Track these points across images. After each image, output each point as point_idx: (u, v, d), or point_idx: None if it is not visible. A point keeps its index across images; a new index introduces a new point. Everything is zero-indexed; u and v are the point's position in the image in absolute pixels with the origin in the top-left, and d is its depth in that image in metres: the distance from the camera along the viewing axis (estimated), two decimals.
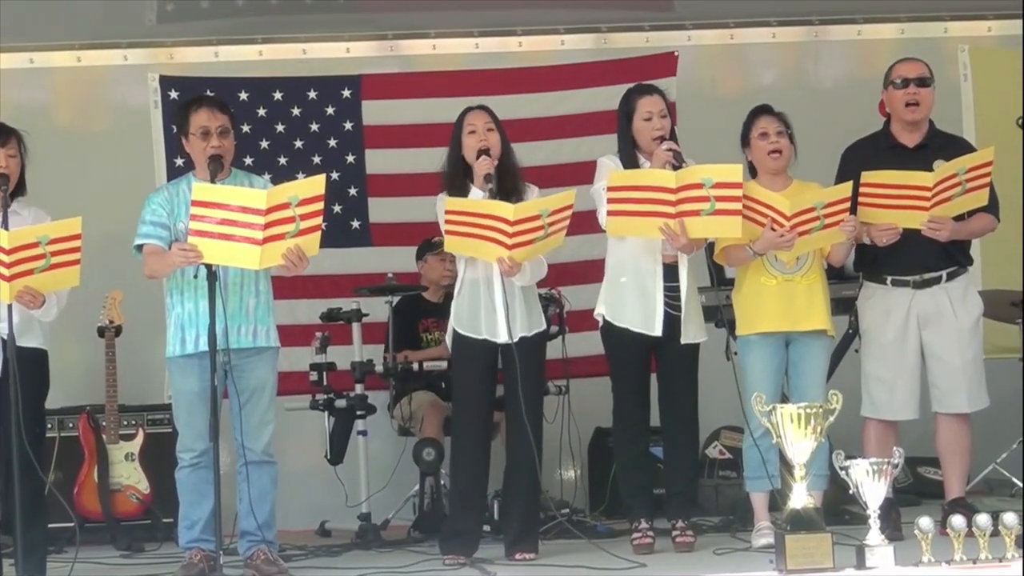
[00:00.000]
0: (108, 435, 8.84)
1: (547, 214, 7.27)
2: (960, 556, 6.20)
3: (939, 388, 7.65)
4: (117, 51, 9.95)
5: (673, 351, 7.53)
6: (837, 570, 6.23)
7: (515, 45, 10.25)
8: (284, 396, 7.96)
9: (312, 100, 10.04)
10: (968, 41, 10.21)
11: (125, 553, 8.38)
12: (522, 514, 7.53)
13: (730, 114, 8.01)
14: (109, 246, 7.50)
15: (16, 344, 6.98)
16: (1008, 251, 8.91)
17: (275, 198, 6.88)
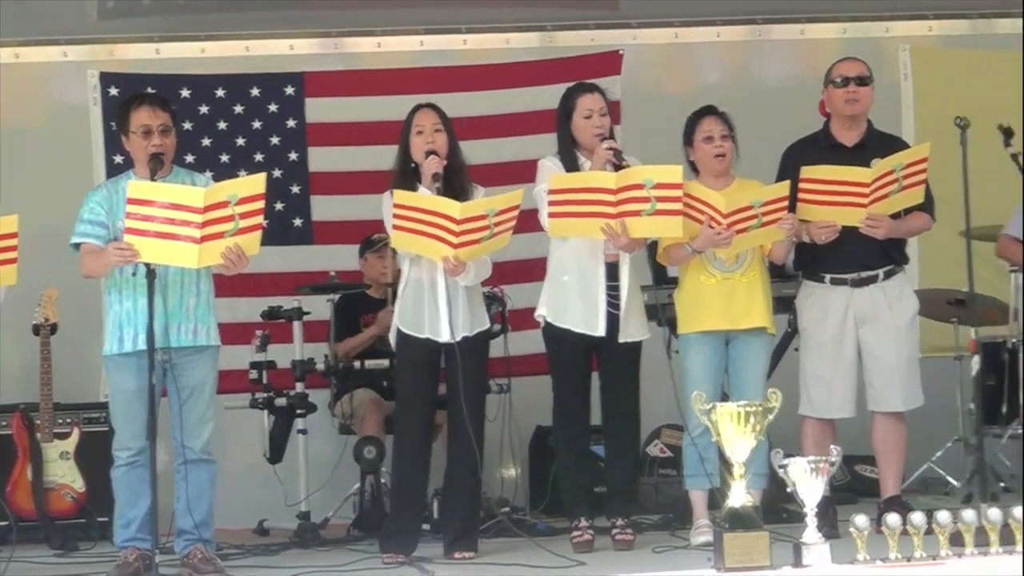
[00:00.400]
0: (42, 433, 8.79)
1: (493, 214, 7.28)
2: (895, 554, 6.21)
3: (875, 387, 7.68)
4: (56, 48, 9.90)
5: (615, 350, 7.54)
6: (774, 568, 6.23)
7: (460, 43, 10.24)
8: (224, 394, 7.93)
9: (255, 97, 10.02)
10: (909, 41, 10.28)
11: (59, 552, 8.33)
12: (462, 513, 7.52)
13: (675, 113, 8.04)
14: (46, 244, 7.46)
15: None
16: (944, 250, 8.94)
17: (213, 196, 6.87)
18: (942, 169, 7.64)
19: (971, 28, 10.46)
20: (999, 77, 10.02)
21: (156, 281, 6.96)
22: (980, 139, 7.55)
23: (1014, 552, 6.24)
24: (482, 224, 7.25)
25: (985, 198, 7.76)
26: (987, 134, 7.64)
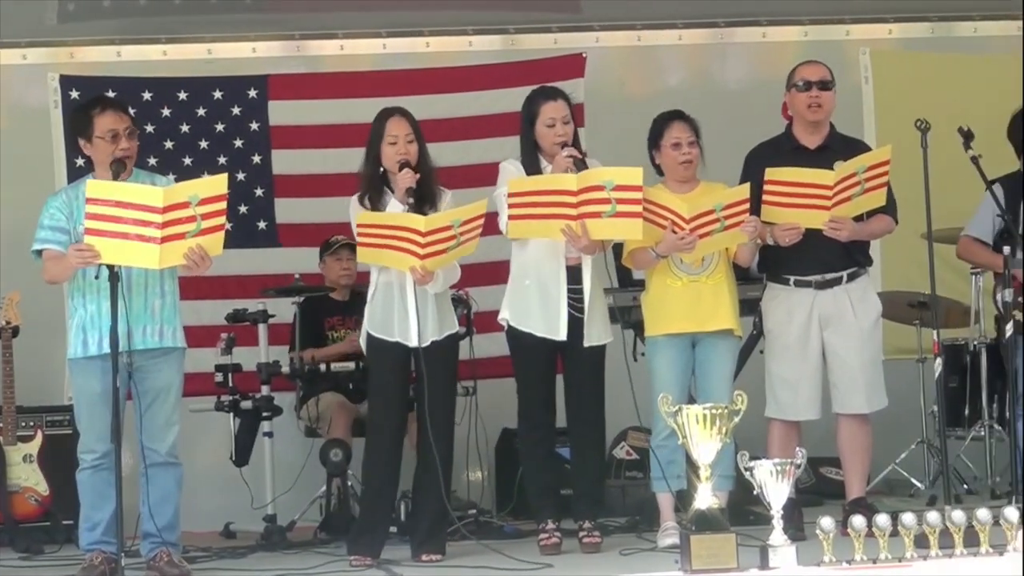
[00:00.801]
0: (5, 436, 8.76)
1: (458, 224, 7.32)
2: (860, 556, 6.24)
3: (839, 388, 7.72)
4: (16, 50, 9.86)
5: (578, 353, 7.56)
6: (741, 570, 6.26)
7: (423, 46, 10.24)
8: (189, 397, 7.91)
9: (217, 100, 10.00)
10: (869, 44, 10.33)
11: (24, 555, 8.32)
12: (430, 515, 7.51)
13: (638, 115, 8.07)
14: (7, 247, 7.42)
15: None
16: (906, 253, 8.97)
17: (173, 196, 6.87)
18: (904, 172, 7.68)
19: (931, 31, 10.51)
20: (959, 80, 10.10)
21: (120, 283, 6.94)
22: (941, 142, 7.57)
23: (978, 554, 6.30)
24: (448, 235, 7.30)
25: (946, 201, 7.80)
26: (948, 137, 7.65)
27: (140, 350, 7.16)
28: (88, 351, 7.20)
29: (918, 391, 9.34)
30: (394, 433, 7.61)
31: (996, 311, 8.28)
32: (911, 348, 9.37)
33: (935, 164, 7.47)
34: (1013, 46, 10.39)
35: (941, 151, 7.54)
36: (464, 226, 7.33)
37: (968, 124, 7.68)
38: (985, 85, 9.98)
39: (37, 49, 9.88)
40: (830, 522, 6.25)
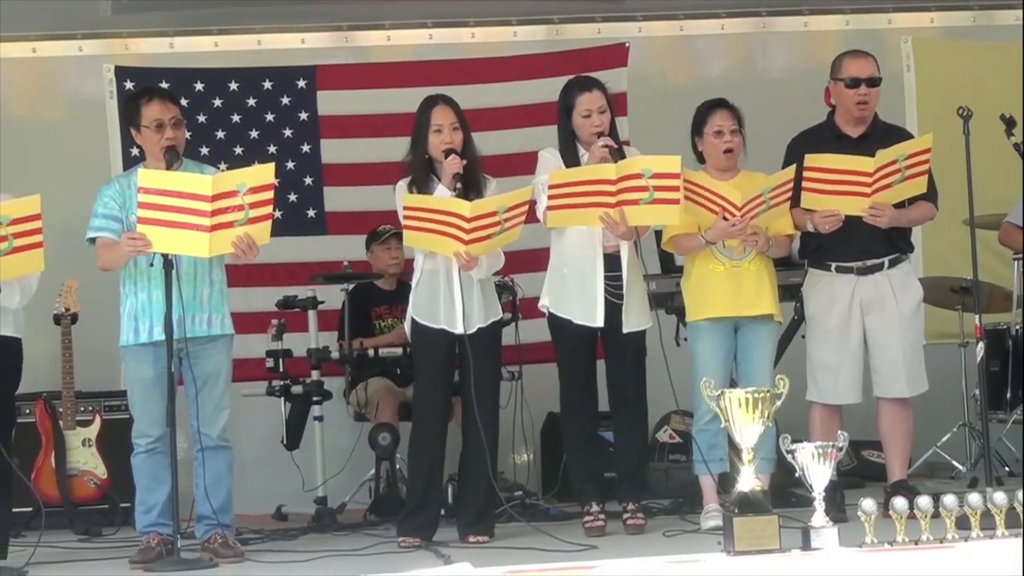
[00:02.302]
0: (65, 421, 8.84)
1: (503, 210, 7.33)
2: (902, 537, 6.25)
3: (880, 373, 7.72)
4: (72, 42, 9.91)
5: (617, 339, 7.57)
6: (783, 551, 6.26)
7: (468, 36, 10.25)
8: (241, 382, 7.99)
9: (267, 90, 10.02)
10: (911, 32, 10.28)
11: (83, 537, 8.37)
12: (477, 498, 7.55)
13: (680, 104, 8.08)
14: (65, 235, 7.48)
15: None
16: (948, 239, 8.97)
17: (221, 185, 6.92)
18: (945, 159, 7.67)
19: (972, 20, 10.48)
20: (1000, 68, 10.03)
21: (172, 271, 7.00)
22: (982, 129, 7.55)
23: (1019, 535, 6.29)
24: (492, 220, 7.31)
25: (988, 187, 7.79)
26: (989, 124, 7.65)
27: (191, 337, 7.19)
28: (139, 338, 7.26)
29: (960, 375, 9.34)
30: (440, 417, 7.64)
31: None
32: (953, 333, 9.35)
33: (977, 151, 7.46)
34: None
35: (983, 138, 7.54)
36: (509, 212, 7.34)
37: (1010, 112, 7.66)
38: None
39: (93, 41, 9.92)
40: (872, 504, 6.27)
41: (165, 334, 7.03)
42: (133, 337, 7.28)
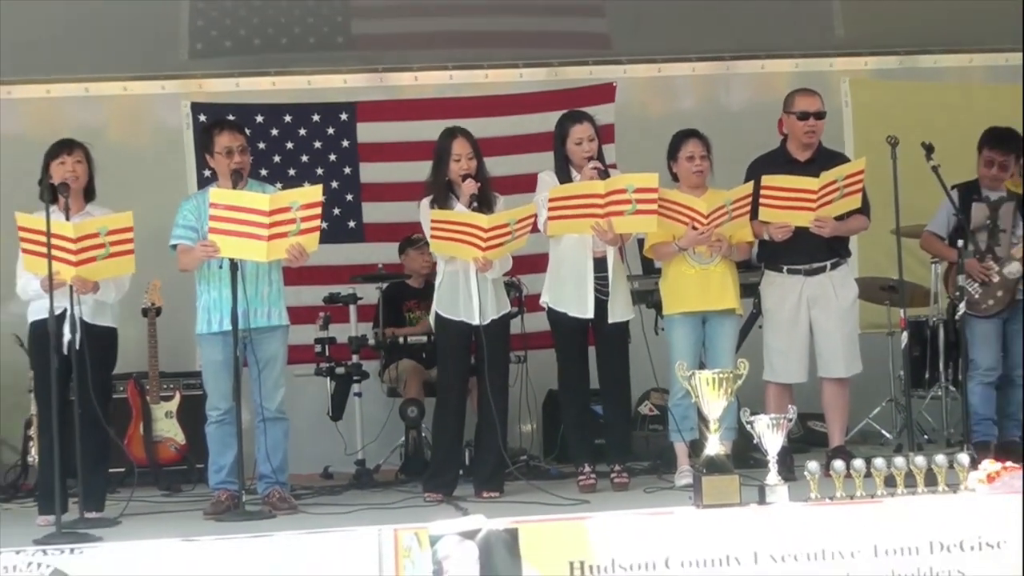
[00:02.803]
0: (151, 396, 8.87)
1: (514, 222, 7.35)
2: (840, 493, 6.25)
3: (823, 357, 7.72)
4: (156, 82, 9.93)
5: (605, 328, 7.56)
6: (743, 505, 6.27)
7: (482, 77, 10.25)
8: (294, 365, 7.98)
9: (315, 122, 10.04)
10: (849, 74, 10.30)
11: (165, 493, 8.40)
12: (489, 461, 7.55)
13: (658, 133, 8.06)
14: (151, 242, 7.48)
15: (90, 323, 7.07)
16: (879, 245, 8.95)
17: (277, 202, 6.94)
18: (876, 179, 7.66)
19: (899, 63, 10.48)
20: (922, 103, 10.06)
21: (238, 273, 7.03)
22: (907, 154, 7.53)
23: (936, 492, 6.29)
24: (505, 231, 7.33)
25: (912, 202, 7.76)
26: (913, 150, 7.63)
27: (253, 327, 7.22)
28: (211, 328, 7.28)
29: (887, 359, 9.34)
30: (459, 394, 7.66)
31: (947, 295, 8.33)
32: (882, 324, 9.35)
33: (902, 172, 7.43)
34: (966, 74, 10.44)
35: (907, 162, 7.51)
36: (518, 224, 7.37)
37: (930, 139, 7.66)
38: (943, 107, 9.96)
39: (173, 81, 9.95)
40: (816, 466, 6.29)
41: (232, 324, 7.06)
42: (206, 327, 7.31)
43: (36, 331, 7.21)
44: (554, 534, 6.09)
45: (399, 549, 5.95)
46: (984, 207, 8.09)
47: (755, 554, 6.04)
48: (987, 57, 10.47)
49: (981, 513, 6.13)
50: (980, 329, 8.03)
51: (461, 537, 5.99)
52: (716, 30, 9.92)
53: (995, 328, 8.09)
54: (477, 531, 6.02)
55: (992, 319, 8.06)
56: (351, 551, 5.97)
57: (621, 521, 6.11)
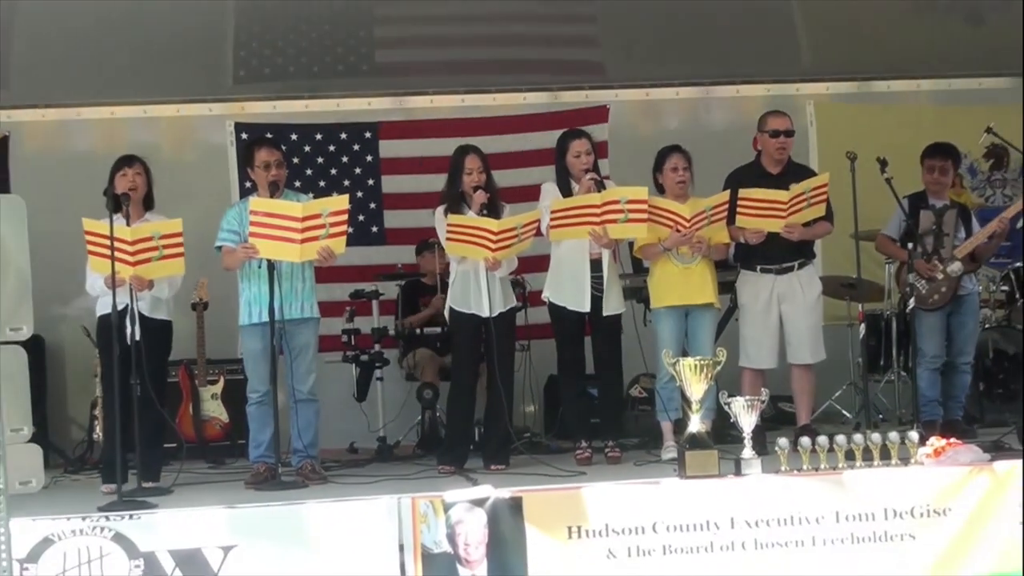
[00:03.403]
0: (200, 380, 8.84)
1: (520, 227, 7.32)
2: (807, 466, 6.27)
3: (792, 345, 7.70)
4: (205, 105, 9.90)
5: (599, 320, 7.53)
6: (721, 476, 6.27)
7: (491, 100, 10.20)
8: (324, 352, 7.95)
9: (343, 140, 10.00)
10: (813, 98, 10.26)
11: (212, 465, 8.37)
12: (497, 437, 7.52)
13: (647, 149, 7.99)
14: (199, 245, 7.48)
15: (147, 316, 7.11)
16: (840, 248, 8.90)
17: (309, 210, 6.93)
18: (837, 189, 7.63)
19: (856, 88, 10.45)
20: (877, 123, 10.00)
21: (274, 271, 7.03)
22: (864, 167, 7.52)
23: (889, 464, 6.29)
24: (513, 234, 7.30)
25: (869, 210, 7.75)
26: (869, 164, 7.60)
27: (288, 319, 7.20)
28: (252, 320, 7.26)
29: (847, 347, 9.29)
30: (470, 379, 7.61)
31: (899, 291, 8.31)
32: (843, 316, 9.30)
33: (860, 184, 7.44)
34: (915, 98, 10.42)
35: (864, 174, 7.50)
36: (524, 228, 7.34)
37: (883, 155, 7.65)
38: (896, 127, 9.90)
39: (218, 104, 9.91)
40: (785, 442, 6.30)
41: (269, 317, 7.03)
42: (247, 319, 7.29)
43: (102, 324, 7.22)
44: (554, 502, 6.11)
45: (416, 515, 5.96)
46: (931, 214, 8.08)
47: (732, 519, 6.08)
48: (933, 83, 10.45)
49: (929, 483, 6.17)
50: (927, 321, 7.99)
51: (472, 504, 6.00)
52: (697, 59, 9.90)
53: (940, 320, 8.06)
54: (486, 499, 6.03)
55: (937, 312, 8.03)
56: (374, 516, 5.99)
57: (614, 490, 6.14)
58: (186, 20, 9.02)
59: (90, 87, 9.49)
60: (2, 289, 4.73)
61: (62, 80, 9.36)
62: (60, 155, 9.64)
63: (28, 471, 4.86)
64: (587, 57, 10.11)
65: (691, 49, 9.71)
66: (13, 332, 4.80)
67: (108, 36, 8.88)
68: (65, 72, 9.26)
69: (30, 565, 5.72)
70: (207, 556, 5.86)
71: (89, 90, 9.54)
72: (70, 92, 9.57)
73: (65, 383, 9.44)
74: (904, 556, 6.09)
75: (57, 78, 9.33)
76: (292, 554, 5.91)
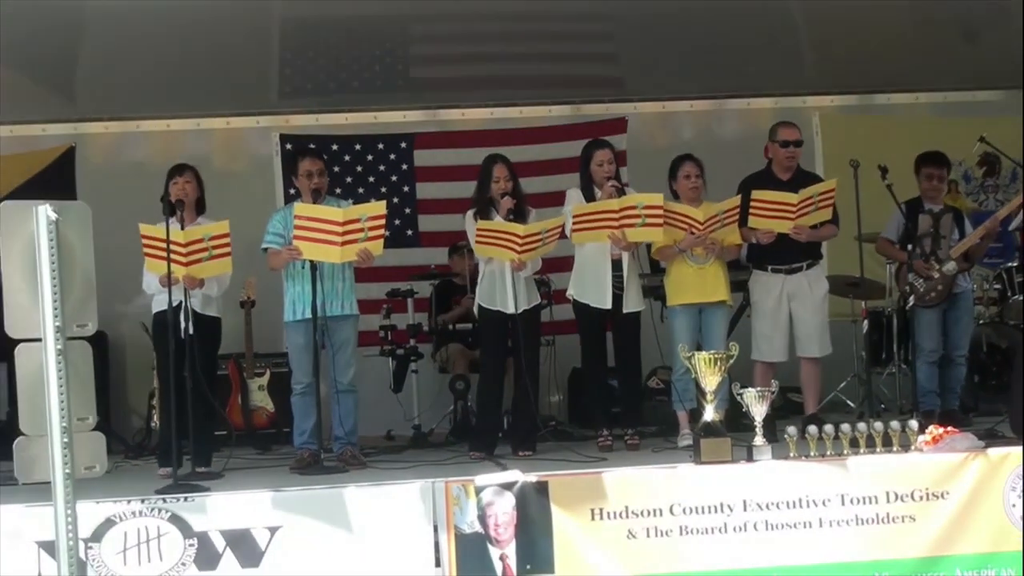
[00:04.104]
0: (247, 373, 8.84)
1: (545, 231, 7.31)
2: (813, 452, 6.23)
3: (800, 340, 7.65)
4: (252, 118, 9.93)
5: (620, 317, 7.50)
6: (734, 462, 6.25)
7: (517, 113, 10.19)
8: (363, 347, 7.95)
9: (380, 150, 10.01)
10: (819, 110, 10.22)
11: (259, 451, 8.38)
12: (524, 425, 7.51)
13: (663, 158, 7.96)
14: (247, 247, 7.49)
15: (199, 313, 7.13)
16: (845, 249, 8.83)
17: (349, 215, 6.93)
18: (841, 194, 7.58)
19: (859, 101, 10.40)
20: (878, 133, 9.94)
21: (317, 272, 7.03)
22: (866, 174, 7.50)
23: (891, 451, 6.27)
24: (538, 238, 7.29)
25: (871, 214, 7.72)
26: (871, 171, 7.59)
27: (330, 316, 7.20)
28: (296, 316, 7.27)
29: (852, 342, 9.23)
30: (498, 371, 7.60)
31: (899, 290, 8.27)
32: (847, 313, 9.25)
33: (863, 190, 7.42)
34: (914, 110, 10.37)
35: (867, 181, 7.48)
36: (548, 232, 7.33)
37: (884, 162, 7.62)
38: (895, 136, 9.82)
39: (265, 117, 9.94)
40: (794, 430, 6.27)
41: (312, 314, 7.04)
42: (292, 315, 7.29)
43: (158, 320, 7.25)
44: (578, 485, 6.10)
45: (450, 498, 5.96)
46: (928, 218, 8.04)
47: (744, 502, 6.06)
48: (931, 96, 10.39)
49: (928, 469, 6.15)
50: (925, 318, 7.95)
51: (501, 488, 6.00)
52: (711, 75, 9.85)
53: (937, 316, 8.01)
54: (514, 483, 6.02)
55: (934, 308, 7.98)
56: (410, 499, 5.99)
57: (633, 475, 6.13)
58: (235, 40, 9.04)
59: (148, 102, 9.54)
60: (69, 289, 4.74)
61: (123, 95, 9.43)
62: (120, 164, 9.70)
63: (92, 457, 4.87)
64: (607, 73, 10.08)
65: (704, 65, 9.67)
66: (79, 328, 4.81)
67: (165, 55, 8.91)
68: (126, 88, 9.31)
69: (94, 544, 5.76)
70: (255, 536, 5.87)
71: (148, 104, 9.60)
72: (130, 106, 9.63)
73: (125, 375, 9.49)
74: (905, 536, 6.07)
75: (119, 94, 9.40)
76: (334, 534, 5.92)
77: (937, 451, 6.22)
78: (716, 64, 9.70)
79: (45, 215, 4.72)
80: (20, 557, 5.73)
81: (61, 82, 9.42)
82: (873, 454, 6.23)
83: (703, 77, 9.92)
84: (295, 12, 9.02)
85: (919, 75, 10.09)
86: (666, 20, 9.22)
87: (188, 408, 6.76)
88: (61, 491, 4.71)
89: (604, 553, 5.96)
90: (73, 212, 4.84)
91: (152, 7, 8.20)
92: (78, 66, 9.22)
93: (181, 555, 5.81)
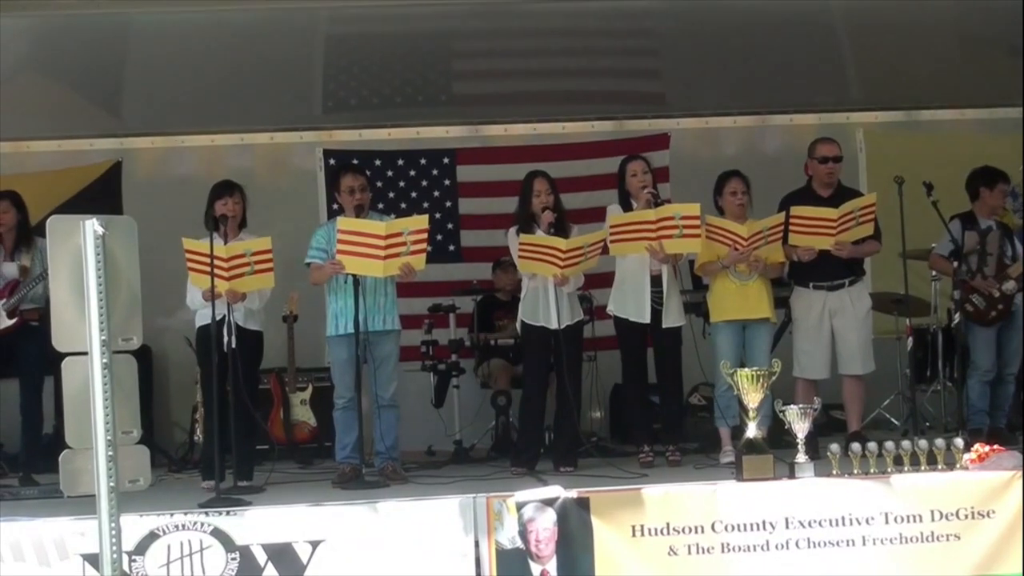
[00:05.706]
0: (289, 387, 8.88)
1: (587, 246, 7.30)
2: (857, 470, 6.19)
3: (843, 357, 7.61)
4: (296, 133, 9.96)
5: (660, 332, 7.49)
6: (776, 479, 6.23)
7: (560, 129, 10.17)
8: (404, 362, 7.95)
9: (423, 165, 10.02)
10: (863, 126, 10.15)
11: (301, 466, 8.40)
12: (566, 441, 7.50)
13: (706, 174, 7.96)
14: (290, 262, 7.54)
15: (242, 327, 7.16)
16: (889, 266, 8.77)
17: (391, 229, 6.96)
18: (886, 211, 7.54)
19: (904, 117, 10.33)
20: (923, 149, 9.87)
21: (359, 286, 7.04)
22: (911, 191, 7.45)
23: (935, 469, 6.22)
24: (580, 253, 7.28)
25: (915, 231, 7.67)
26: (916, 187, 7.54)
27: (372, 331, 7.21)
28: (338, 331, 7.28)
29: (896, 359, 9.14)
30: (540, 386, 7.59)
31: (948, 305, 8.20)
32: (891, 330, 9.17)
33: (907, 206, 7.37)
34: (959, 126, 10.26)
35: (911, 197, 7.43)
36: (590, 247, 7.32)
37: (929, 179, 7.58)
38: (941, 152, 9.76)
39: (309, 132, 9.96)
40: (837, 447, 6.25)
41: (354, 328, 7.06)
42: (334, 330, 7.31)
43: (201, 334, 7.29)
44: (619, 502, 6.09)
45: (491, 513, 5.96)
46: (975, 235, 7.99)
47: (786, 520, 6.03)
48: (976, 112, 10.30)
49: (973, 487, 6.10)
50: (982, 335, 7.91)
51: (542, 504, 5.99)
52: (753, 90, 9.83)
53: (994, 334, 7.97)
54: (556, 499, 6.02)
55: (991, 327, 7.91)
56: (451, 514, 5.99)
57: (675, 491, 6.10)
58: (280, 56, 9.12)
59: (193, 117, 9.61)
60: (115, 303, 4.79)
61: (168, 111, 9.51)
62: (165, 179, 9.76)
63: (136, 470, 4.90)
64: (650, 88, 10.09)
65: (747, 81, 9.66)
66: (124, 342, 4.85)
67: (209, 71, 9.00)
68: (171, 104, 9.42)
69: (138, 557, 5.80)
70: (297, 550, 5.90)
71: (192, 120, 9.67)
72: (175, 122, 9.69)
73: (169, 389, 9.55)
74: (950, 556, 6.01)
75: (164, 109, 9.49)
76: (375, 548, 5.93)
77: (983, 469, 6.16)
78: (759, 80, 9.70)
79: (92, 229, 4.77)
80: (65, 570, 5.78)
81: (108, 98, 9.54)
82: (917, 472, 6.19)
83: (746, 93, 9.90)
84: (339, 28, 9.09)
85: (964, 91, 10.02)
86: (709, 36, 9.22)
87: (231, 422, 6.80)
88: (105, 504, 4.75)
89: (645, 570, 5.95)
90: (120, 227, 4.89)
91: (197, 23, 8.30)
92: (124, 82, 9.33)
93: (223, 569, 5.85)
